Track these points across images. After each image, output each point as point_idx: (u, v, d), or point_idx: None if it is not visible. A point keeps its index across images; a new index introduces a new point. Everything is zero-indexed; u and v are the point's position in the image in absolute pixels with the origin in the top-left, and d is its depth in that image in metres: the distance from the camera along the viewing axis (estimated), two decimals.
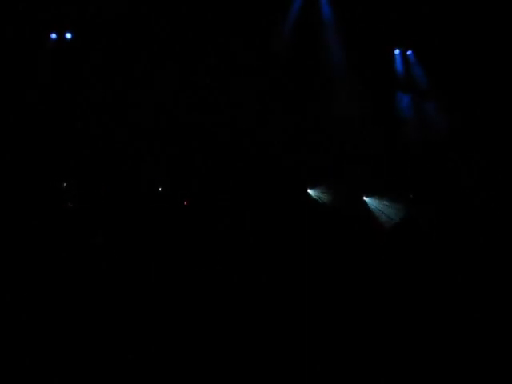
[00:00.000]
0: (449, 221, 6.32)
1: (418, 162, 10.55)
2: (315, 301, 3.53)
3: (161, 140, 10.45)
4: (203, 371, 2.68)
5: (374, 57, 11.09)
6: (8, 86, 9.53)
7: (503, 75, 9.79)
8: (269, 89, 10.88)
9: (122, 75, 10.48)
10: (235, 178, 9.91)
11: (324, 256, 4.08)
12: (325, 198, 9.12)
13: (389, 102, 11.23)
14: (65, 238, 3.38)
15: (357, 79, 10.74)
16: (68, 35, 10.87)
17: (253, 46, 10.70)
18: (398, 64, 11.56)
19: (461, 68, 10.14)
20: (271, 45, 10.84)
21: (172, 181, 9.72)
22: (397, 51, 11.51)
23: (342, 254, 4.26)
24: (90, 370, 2.43)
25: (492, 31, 9.47)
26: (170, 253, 3.75)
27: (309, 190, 9.14)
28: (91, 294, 2.90)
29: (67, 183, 7.70)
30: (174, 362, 2.66)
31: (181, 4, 10.53)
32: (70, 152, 9.56)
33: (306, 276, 3.66)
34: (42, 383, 2.34)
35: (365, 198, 9.28)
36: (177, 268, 3.60)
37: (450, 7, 9.89)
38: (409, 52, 11.47)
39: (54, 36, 10.81)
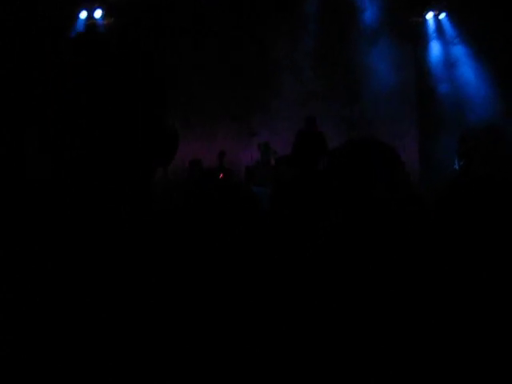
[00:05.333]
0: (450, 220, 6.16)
1: None
2: (316, 300, 3.59)
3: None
4: (203, 371, 2.80)
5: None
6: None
7: None
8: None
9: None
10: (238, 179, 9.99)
11: (325, 255, 4.12)
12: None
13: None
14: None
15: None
16: (98, 12, 11.01)
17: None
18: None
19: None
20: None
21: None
22: (430, 14, 10.98)
23: (341, 253, 4.27)
24: (90, 369, 2.59)
25: None
26: (171, 253, 3.88)
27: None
28: (95, 292, 3.06)
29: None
30: (174, 361, 2.79)
31: None
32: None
33: (307, 275, 3.71)
34: (41, 383, 2.51)
35: None
36: (177, 268, 3.72)
37: None
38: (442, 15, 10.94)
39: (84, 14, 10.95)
